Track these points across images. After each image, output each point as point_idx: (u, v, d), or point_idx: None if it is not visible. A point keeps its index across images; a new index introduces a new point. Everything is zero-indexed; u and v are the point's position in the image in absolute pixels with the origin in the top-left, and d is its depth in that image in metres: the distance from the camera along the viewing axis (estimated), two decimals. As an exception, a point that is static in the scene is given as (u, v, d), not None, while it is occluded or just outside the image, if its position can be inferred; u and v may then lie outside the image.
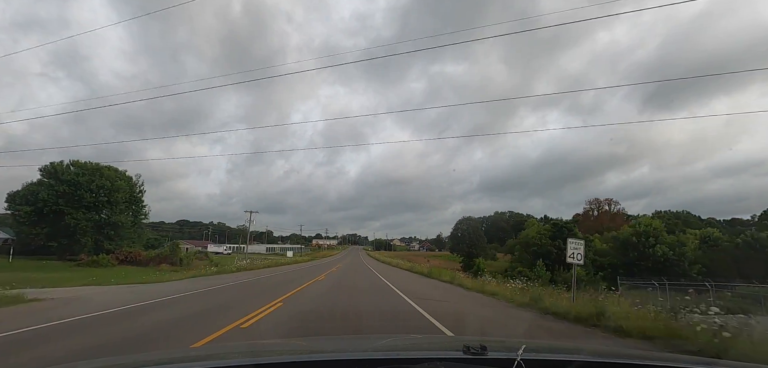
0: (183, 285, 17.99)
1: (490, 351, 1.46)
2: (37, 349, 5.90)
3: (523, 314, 10.70)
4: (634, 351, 2.82)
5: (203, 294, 14.16)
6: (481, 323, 9.39)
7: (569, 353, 1.83)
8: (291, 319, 8.82)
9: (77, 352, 5.62)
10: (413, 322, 8.82)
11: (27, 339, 6.53)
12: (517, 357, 1.33)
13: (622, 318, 7.79)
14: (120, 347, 5.97)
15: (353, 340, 3.18)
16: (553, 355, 1.76)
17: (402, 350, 2.03)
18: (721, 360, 1.94)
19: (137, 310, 9.98)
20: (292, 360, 1.69)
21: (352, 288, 17.85)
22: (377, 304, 12.33)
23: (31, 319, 8.15)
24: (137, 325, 7.89)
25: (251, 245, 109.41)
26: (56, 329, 7.40)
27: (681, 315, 7.04)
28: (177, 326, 7.88)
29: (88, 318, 8.52)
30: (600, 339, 7.28)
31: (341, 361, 1.66)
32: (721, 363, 1.94)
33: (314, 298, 13.36)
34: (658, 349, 5.91)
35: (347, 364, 1.62)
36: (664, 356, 1.82)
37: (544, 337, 7.75)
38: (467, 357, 1.44)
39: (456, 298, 14.80)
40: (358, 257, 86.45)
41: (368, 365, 1.54)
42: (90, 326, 7.77)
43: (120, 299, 12.07)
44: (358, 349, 2.15)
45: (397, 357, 1.64)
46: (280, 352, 2.14)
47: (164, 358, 2.05)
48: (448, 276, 25.47)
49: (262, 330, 7.53)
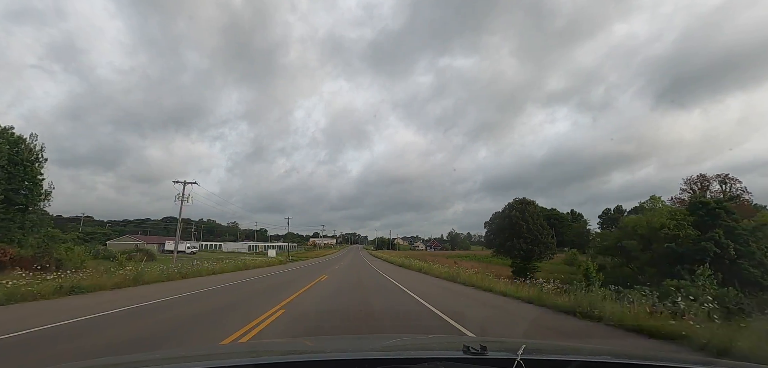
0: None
1: (490, 351, 1.47)
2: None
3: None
4: (634, 350, 2.82)
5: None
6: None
7: (569, 353, 1.83)
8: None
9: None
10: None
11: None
12: (517, 357, 1.33)
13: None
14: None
15: (354, 340, 3.17)
16: (553, 355, 1.77)
17: (402, 350, 2.03)
18: (722, 360, 1.94)
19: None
20: (293, 360, 1.70)
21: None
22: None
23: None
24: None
25: (233, 243, 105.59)
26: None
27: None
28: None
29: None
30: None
31: (342, 361, 1.66)
32: (721, 362, 1.94)
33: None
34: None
35: (347, 364, 1.61)
36: (664, 356, 1.82)
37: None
38: (467, 357, 1.45)
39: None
40: (359, 256, 78.59)
41: (368, 365, 1.54)
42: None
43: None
44: (358, 349, 2.14)
45: (397, 357, 1.64)
46: (281, 352, 2.14)
47: (164, 358, 2.06)
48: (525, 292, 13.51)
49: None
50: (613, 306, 9.01)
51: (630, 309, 8.76)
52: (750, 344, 5.59)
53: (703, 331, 6.38)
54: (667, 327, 7.03)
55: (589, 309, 9.08)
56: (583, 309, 9.27)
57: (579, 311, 9.30)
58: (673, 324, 7.08)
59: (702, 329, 6.51)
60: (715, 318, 7.20)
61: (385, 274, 27.14)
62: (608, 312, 8.67)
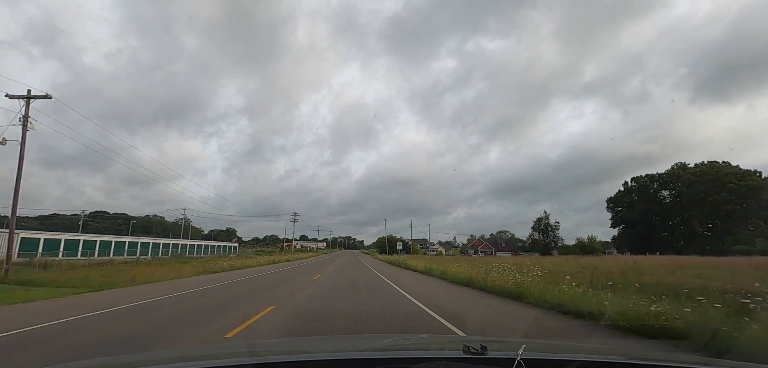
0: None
1: (490, 350, 1.46)
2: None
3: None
4: (634, 350, 2.86)
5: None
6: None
7: (569, 352, 1.83)
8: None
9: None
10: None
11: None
12: (517, 357, 1.33)
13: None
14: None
15: (353, 340, 3.18)
16: (554, 355, 1.77)
17: (402, 349, 2.02)
18: (722, 360, 1.98)
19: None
20: (292, 360, 1.70)
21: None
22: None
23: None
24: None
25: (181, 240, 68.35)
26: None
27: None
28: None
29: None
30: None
31: (341, 361, 1.66)
32: (721, 362, 1.96)
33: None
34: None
35: (347, 364, 1.61)
36: (664, 356, 1.84)
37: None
38: (467, 357, 1.44)
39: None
40: (356, 269, 33.69)
41: (368, 365, 1.53)
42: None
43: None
44: (358, 349, 2.14)
45: (397, 357, 1.64)
46: (280, 352, 2.15)
47: (164, 358, 2.04)
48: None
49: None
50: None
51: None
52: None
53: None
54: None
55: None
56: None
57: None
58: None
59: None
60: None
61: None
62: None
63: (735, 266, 22.32)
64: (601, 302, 8.92)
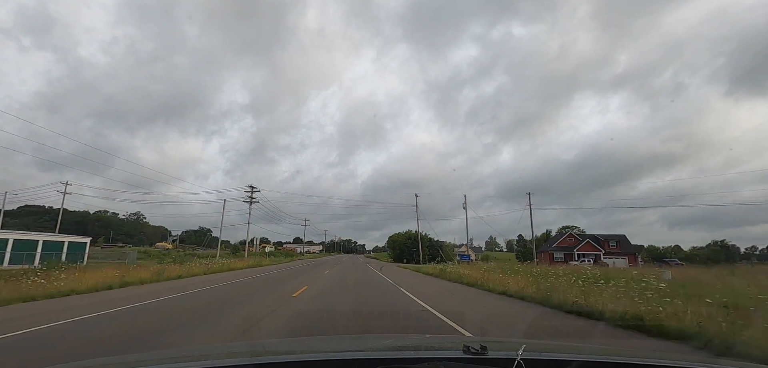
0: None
1: (490, 350, 1.47)
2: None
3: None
4: (634, 350, 2.86)
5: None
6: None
7: (569, 352, 1.84)
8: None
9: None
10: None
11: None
12: (517, 357, 1.33)
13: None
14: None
15: (354, 340, 3.17)
16: (553, 355, 1.77)
17: (402, 350, 2.02)
18: (722, 360, 1.98)
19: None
20: (292, 360, 1.69)
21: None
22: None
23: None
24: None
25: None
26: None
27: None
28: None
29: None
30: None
31: (341, 361, 1.66)
32: (721, 362, 1.97)
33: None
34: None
35: (347, 364, 1.61)
36: (664, 355, 1.85)
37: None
38: (467, 357, 1.45)
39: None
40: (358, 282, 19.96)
41: (368, 365, 1.53)
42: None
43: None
44: (358, 349, 2.14)
45: (397, 357, 1.63)
46: (280, 352, 2.14)
47: (164, 358, 2.04)
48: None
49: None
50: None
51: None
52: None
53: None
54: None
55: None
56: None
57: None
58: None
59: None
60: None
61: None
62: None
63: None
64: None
